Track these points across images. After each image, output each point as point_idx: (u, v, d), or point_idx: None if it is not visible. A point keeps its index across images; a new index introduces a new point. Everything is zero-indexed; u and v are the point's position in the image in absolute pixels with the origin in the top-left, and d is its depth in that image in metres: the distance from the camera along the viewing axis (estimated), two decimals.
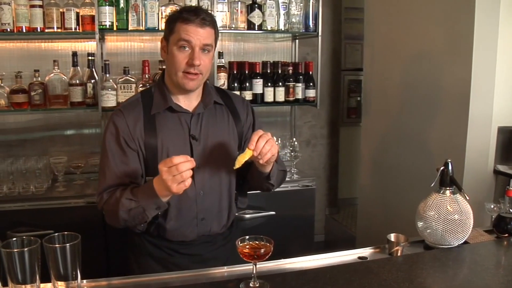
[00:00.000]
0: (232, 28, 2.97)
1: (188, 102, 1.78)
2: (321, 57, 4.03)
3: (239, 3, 2.91)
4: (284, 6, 2.98)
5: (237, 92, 3.00)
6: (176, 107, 1.74)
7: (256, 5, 2.93)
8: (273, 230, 2.99)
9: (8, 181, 2.74)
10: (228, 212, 1.87)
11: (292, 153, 3.18)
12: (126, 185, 1.69)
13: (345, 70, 4.25)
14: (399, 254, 1.66)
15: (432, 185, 1.71)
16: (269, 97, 3.05)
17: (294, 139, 3.24)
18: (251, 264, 1.37)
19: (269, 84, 3.04)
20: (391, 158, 3.25)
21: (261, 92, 3.04)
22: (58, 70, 2.81)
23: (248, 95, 3.01)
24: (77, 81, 2.82)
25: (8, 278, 1.31)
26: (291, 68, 3.10)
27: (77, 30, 2.78)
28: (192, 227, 1.78)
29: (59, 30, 2.75)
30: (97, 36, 2.70)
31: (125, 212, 1.60)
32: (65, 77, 2.83)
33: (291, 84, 3.07)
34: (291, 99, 3.10)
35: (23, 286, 1.32)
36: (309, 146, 4.23)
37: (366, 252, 1.71)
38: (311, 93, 3.12)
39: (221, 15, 2.91)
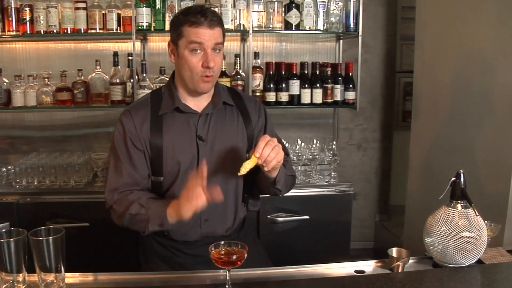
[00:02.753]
0: (270, 29, 2.92)
1: (198, 103, 1.78)
2: (375, 59, 3.95)
3: (276, 2, 2.87)
4: (323, 5, 2.89)
5: (273, 93, 2.97)
6: (183, 107, 1.74)
7: (294, 5, 2.87)
8: (307, 235, 2.93)
9: (51, 174, 2.89)
10: (235, 214, 1.85)
11: (331, 157, 3.07)
12: (134, 185, 1.73)
13: (401, 72, 4.05)
14: (399, 270, 1.55)
15: (441, 197, 1.58)
16: (306, 99, 2.97)
17: (334, 142, 3.13)
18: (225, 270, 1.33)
19: (306, 85, 2.97)
20: (438, 164, 3.05)
21: (298, 93, 2.97)
22: (100, 70, 2.93)
23: (284, 96, 2.96)
24: (118, 80, 2.91)
25: None
26: (329, 69, 3.00)
27: (118, 31, 2.87)
28: (195, 228, 1.78)
29: (101, 31, 2.86)
30: (133, 36, 2.78)
31: (132, 215, 1.64)
32: (107, 77, 2.94)
33: (329, 85, 2.98)
34: (329, 101, 3.00)
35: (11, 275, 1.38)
36: (360, 149, 4.09)
37: (366, 265, 1.61)
38: (350, 95, 3.00)
39: (257, 15, 2.88)
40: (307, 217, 2.92)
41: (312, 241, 2.94)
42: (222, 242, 1.35)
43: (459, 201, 1.55)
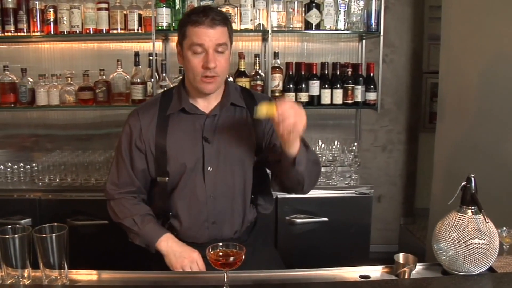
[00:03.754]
0: (290, 28, 2.90)
1: (207, 104, 1.77)
2: (400, 59, 3.86)
3: (296, 2, 2.84)
4: (344, 5, 2.84)
5: (292, 94, 2.94)
6: (190, 108, 1.74)
7: (314, 4, 2.83)
8: (325, 237, 2.89)
9: (72, 172, 2.95)
10: (243, 216, 1.83)
11: (352, 159, 3.02)
12: (131, 184, 1.79)
13: (428, 72, 3.95)
14: (406, 277, 1.50)
15: (450, 202, 1.52)
16: (326, 99, 2.93)
17: (356, 143, 3.08)
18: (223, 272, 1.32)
19: (326, 85, 2.92)
20: (463, 167, 2.96)
21: (318, 94, 2.94)
22: (121, 69, 2.97)
23: (303, 97, 2.93)
24: (138, 80, 2.94)
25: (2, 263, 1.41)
26: (350, 69, 2.95)
27: (139, 31, 2.91)
28: (202, 230, 1.77)
29: (123, 31, 2.90)
30: (153, 36, 2.80)
31: (125, 226, 1.78)
32: (128, 76, 2.97)
33: (349, 86, 2.93)
34: (349, 101, 2.95)
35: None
36: (385, 151, 4.01)
37: (372, 270, 1.56)
38: (371, 96, 2.95)
39: (276, 15, 2.85)
40: (326, 219, 2.88)
41: (331, 243, 2.89)
42: (220, 244, 1.34)
43: (470, 207, 1.49)
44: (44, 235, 1.39)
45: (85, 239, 2.79)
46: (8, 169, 2.99)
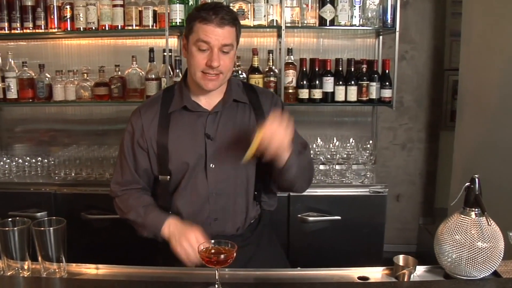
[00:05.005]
0: (304, 24, 2.86)
1: (209, 101, 1.76)
2: (421, 55, 3.78)
3: None
4: (359, 0, 2.79)
5: (306, 90, 2.91)
6: (192, 106, 1.73)
7: (328, 0, 2.79)
8: (338, 236, 2.85)
9: (87, 166, 2.99)
10: (245, 213, 1.82)
11: (366, 157, 2.97)
12: (134, 183, 1.79)
13: (450, 69, 3.84)
14: (405, 279, 1.47)
15: (452, 203, 1.48)
16: (340, 96, 2.89)
17: (371, 141, 3.03)
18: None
19: (341, 82, 2.88)
20: (483, 167, 2.87)
21: (332, 90, 2.90)
22: (136, 65, 2.99)
23: (317, 94, 2.90)
24: (153, 76, 2.96)
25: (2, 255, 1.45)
26: (365, 66, 2.90)
27: (154, 27, 2.92)
28: (205, 227, 1.75)
29: (137, 27, 2.92)
30: (166, 33, 2.81)
31: (130, 220, 1.78)
32: (142, 72, 2.99)
33: (364, 83, 2.88)
34: (364, 98, 2.90)
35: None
36: (404, 150, 3.94)
37: (372, 272, 1.54)
38: (386, 93, 2.89)
39: (290, 11, 2.83)
40: (339, 217, 2.84)
41: (343, 242, 2.85)
42: (213, 241, 1.33)
43: (473, 209, 1.45)
44: (42, 229, 1.41)
45: (99, 232, 2.83)
46: (26, 163, 3.06)
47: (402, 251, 3.77)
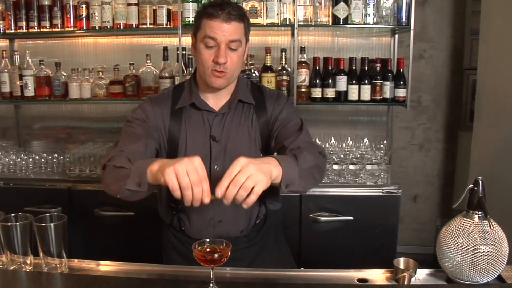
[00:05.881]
0: (317, 23, 2.84)
1: (217, 100, 1.75)
2: (440, 54, 3.72)
3: None
4: None
5: (319, 89, 2.88)
6: (200, 104, 1.73)
7: None
8: (350, 236, 2.82)
9: (101, 164, 3.02)
10: (250, 215, 1.81)
11: (380, 157, 2.94)
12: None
13: (470, 69, 3.76)
14: (405, 282, 1.44)
15: (455, 206, 1.45)
16: (353, 95, 2.86)
17: (385, 141, 2.99)
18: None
19: (354, 81, 2.85)
20: (501, 169, 2.82)
21: (345, 89, 2.86)
22: (150, 64, 3.01)
23: (330, 93, 2.86)
24: (167, 74, 2.98)
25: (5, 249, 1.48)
26: (379, 65, 2.86)
27: (168, 26, 2.94)
28: (209, 228, 1.76)
29: (151, 26, 2.94)
30: (179, 31, 2.82)
31: (115, 168, 1.49)
32: (157, 71, 3.01)
33: (378, 82, 2.84)
34: (377, 98, 2.86)
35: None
36: (422, 150, 3.88)
37: (372, 274, 1.51)
38: (400, 92, 2.84)
39: (303, 9, 2.81)
40: (351, 218, 2.81)
41: (355, 243, 2.82)
42: (207, 240, 1.33)
43: (476, 212, 1.41)
44: (44, 225, 1.43)
45: (112, 229, 2.87)
46: (43, 160, 3.11)
47: (419, 253, 3.75)
